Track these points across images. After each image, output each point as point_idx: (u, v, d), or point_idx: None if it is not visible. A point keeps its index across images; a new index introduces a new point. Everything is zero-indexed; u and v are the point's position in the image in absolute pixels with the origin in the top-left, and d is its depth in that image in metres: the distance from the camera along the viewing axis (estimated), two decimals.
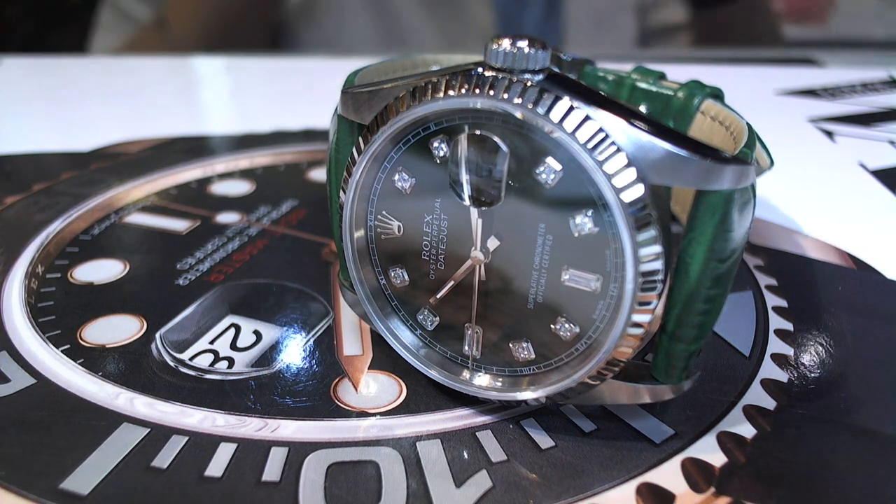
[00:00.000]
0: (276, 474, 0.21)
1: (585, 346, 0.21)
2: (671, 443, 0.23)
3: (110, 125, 0.48)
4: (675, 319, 0.21)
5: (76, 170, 0.41)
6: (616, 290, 0.20)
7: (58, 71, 0.60)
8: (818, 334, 0.28)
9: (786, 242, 0.35)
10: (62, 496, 0.21)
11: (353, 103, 0.23)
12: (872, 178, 0.42)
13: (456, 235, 0.22)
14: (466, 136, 0.20)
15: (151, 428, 0.23)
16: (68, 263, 0.32)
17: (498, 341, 0.23)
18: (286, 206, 0.38)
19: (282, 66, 0.63)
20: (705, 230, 0.19)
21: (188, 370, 0.26)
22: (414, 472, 0.22)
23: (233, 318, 0.29)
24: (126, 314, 0.29)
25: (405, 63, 0.31)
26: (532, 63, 0.19)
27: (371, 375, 0.26)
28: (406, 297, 0.24)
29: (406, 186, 0.22)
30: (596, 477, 0.21)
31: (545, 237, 0.21)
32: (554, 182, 0.20)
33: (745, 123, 0.25)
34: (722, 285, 0.20)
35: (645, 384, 0.22)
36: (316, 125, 0.49)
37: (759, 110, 0.51)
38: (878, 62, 0.65)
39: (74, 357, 0.26)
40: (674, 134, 0.19)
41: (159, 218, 0.36)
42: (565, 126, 0.18)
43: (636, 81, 0.31)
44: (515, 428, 0.23)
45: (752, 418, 0.24)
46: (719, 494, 0.21)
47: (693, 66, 0.63)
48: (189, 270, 0.32)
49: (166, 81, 0.58)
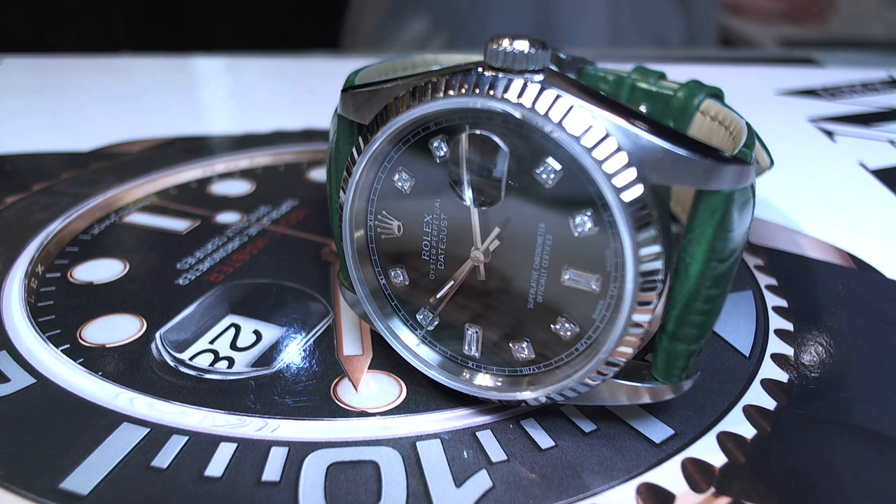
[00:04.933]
0: (276, 474, 0.21)
1: (585, 345, 0.21)
2: (671, 443, 0.23)
3: (110, 125, 0.48)
4: (675, 319, 0.21)
5: (76, 170, 0.41)
6: (616, 289, 0.20)
7: (58, 71, 0.60)
8: (818, 334, 0.28)
9: (786, 242, 0.35)
10: (62, 496, 0.21)
11: (353, 103, 0.23)
12: (872, 178, 0.42)
13: (456, 235, 0.22)
14: (466, 135, 0.20)
15: (151, 428, 0.23)
16: (68, 263, 0.32)
17: (498, 341, 0.23)
18: (286, 206, 0.38)
19: (282, 66, 0.63)
20: (705, 230, 0.19)
21: (188, 370, 0.26)
22: (414, 472, 0.22)
23: (233, 317, 0.29)
24: (126, 314, 0.29)
25: (405, 63, 0.31)
26: (531, 63, 0.19)
27: (371, 375, 0.26)
28: (406, 296, 0.24)
29: (406, 186, 0.22)
30: (596, 477, 0.21)
31: (545, 237, 0.21)
32: (554, 182, 0.20)
33: (744, 123, 0.25)
34: (722, 285, 0.20)
35: (645, 384, 0.22)
36: (316, 125, 0.49)
37: (759, 110, 0.51)
38: (878, 62, 0.65)
39: (74, 357, 0.26)
40: (674, 134, 0.19)
41: (159, 218, 0.36)
42: (565, 126, 0.18)
43: (636, 81, 0.31)
44: (515, 428, 0.23)
45: (752, 418, 0.24)
46: (719, 494, 0.21)
47: (693, 66, 0.63)
48: (189, 270, 0.32)
49: (166, 81, 0.58)
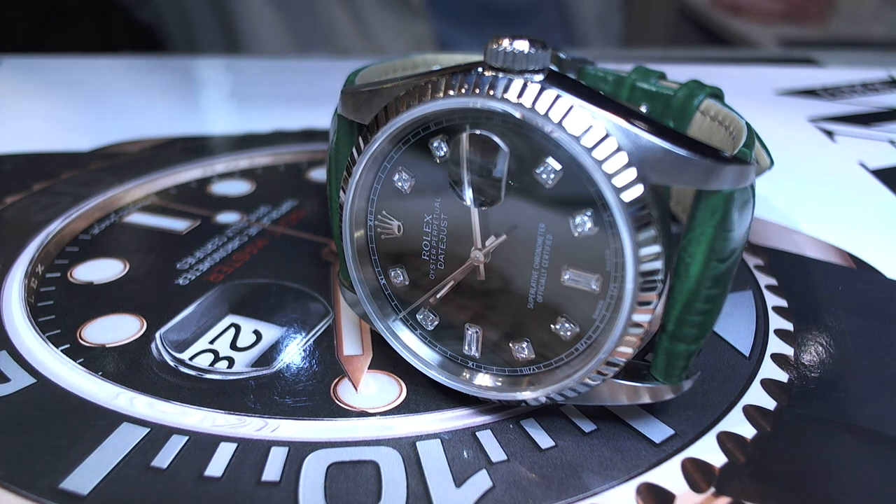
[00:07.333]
0: (276, 474, 0.21)
1: (585, 345, 0.21)
2: (671, 443, 0.23)
3: (110, 125, 0.48)
4: (676, 319, 0.21)
5: (76, 170, 0.41)
6: (616, 289, 0.20)
7: (58, 71, 0.60)
8: (818, 334, 0.28)
9: (786, 242, 0.35)
10: (62, 496, 0.21)
11: (353, 103, 0.23)
12: (872, 178, 0.42)
13: (456, 235, 0.22)
14: (467, 135, 0.20)
15: (151, 428, 0.23)
16: (68, 263, 0.32)
17: (498, 341, 0.23)
18: (286, 206, 0.38)
19: (282, 66, 0.63)
20: (705, 230, 0.19)
21: (188, 370, 0.26)
22: (414, 472, 0.22)
23: (233, 317, 0.29)
24: (126, 314, 0.29)
25: (405, 63, 0.31)
26: (532, 63, 0.19)
27: (371, 375, 0.26)
28: (406, 296, 0.24)
29: (406, 186, 0.22)
30: (596, 477, 0.21)
31: (545, 237, 0.21)
32: (554, 182, 0.20)
33: (744, 123, 0.25)
34: (722, 285, 0.20)
35: (645, 384, 0.22)
36: (316, 125, 0.49)
37: (759, 110, 0.51)
38: (878, 62, 0.65)
39: (74, 357, 0.26)
40: (673, 134, 0.19)
41: (159, 218, 0.36)
42: (565, 125, 0.18)
43: (636, 81, 0.31)
44: (515, 428, 0.23)
45: (752, 418, 0.24)
46: (719, 494, 0.21)
47: (693, 66, 0.63)
48: (189, 270, 0.32)
49: (166, 81, 0.58)
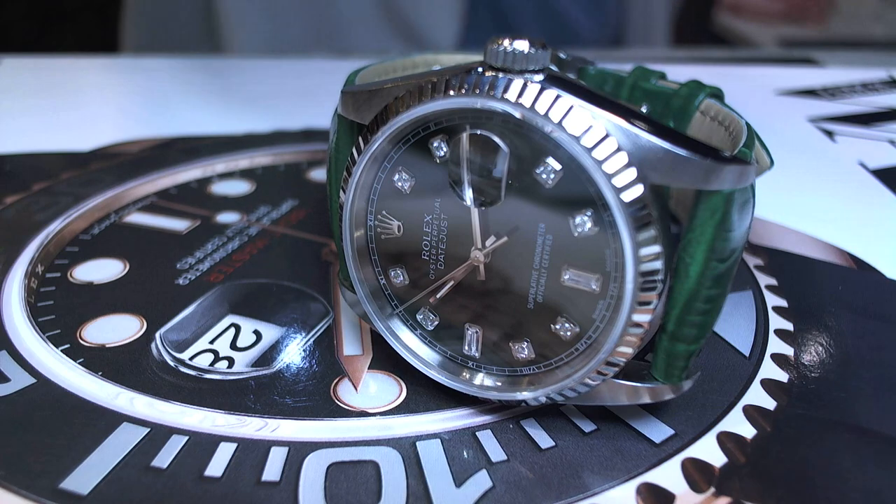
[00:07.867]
0: (276, 474, 0.21)
1: (585, 345, 0.21)
2: (671, 443, 0.23)
3: (110, 125, 0.48)
4: (676, 319, 0.21)
5: (76, 170, 0.41)
6: (616, 289, 0.20)
7: (58, 71, 0.60)
8: (818, 334, 0.28)
9: (786, 242, 0.35)
10: (62, 496, 0.21)
11: (353, 103, 0.23)
12: (872, 178, 0.42)
13: (456, 235, 0.22)
14: (467, 135, 0.20)
15: (151, 428, 0.23)
16: (68, 263, 0.32)
17: (498, 341, 0.23)
18: (286, 206, 0.38)
19: (282, 66, 0.63)
20: (705, 230, 0.19)
21: (188, 370, 0.26)
22: (414, 472, 0.22)
23: (233, 317, 0.29)
24: (126, 314, 0.29)
25: (405, 63, 0.31)
26: (532, 63, 0.19)
27: (371, 375, 0.26)
28: (406, 296, 0.24)
29: (406, 186, 0.22)
30: (596, 477, 0.21)
31: (545, 237, 0.21)
32: (554, 182, 0.20)
33: (744, 123, 0.25)
34: (722, 285, 0.20)
35: (645, 384, 0.22)
36: (316, 125, 0.49)
37: (759, 110, 0.51)
38: (878, 62, 0.65)
39: (74, 357, 0.26)
40: (674, 134, 0.19)
41: (159, 218, 0.36)
42: (565, 125, 0.18)
43: (636, 81, 0.31)
44: (515, 428, 0.23)
45: (752, 418, 0.24)
46: (719, 494, 0.21)
47: (693, 66, 0.63)
48: (189, 270, 0.32)
49: (167, 81, 0.58)
